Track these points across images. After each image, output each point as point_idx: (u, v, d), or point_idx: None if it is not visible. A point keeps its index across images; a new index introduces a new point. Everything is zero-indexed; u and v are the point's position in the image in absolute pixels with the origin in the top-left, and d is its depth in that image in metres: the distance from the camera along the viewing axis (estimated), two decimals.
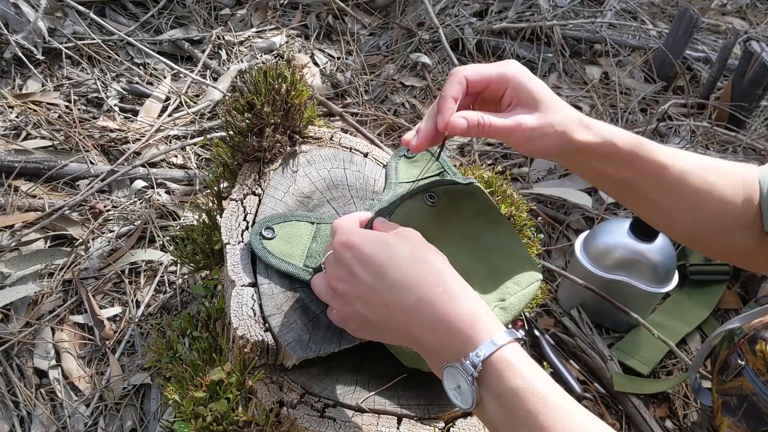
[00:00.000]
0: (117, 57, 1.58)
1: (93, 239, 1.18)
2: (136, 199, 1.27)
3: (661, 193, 0.73)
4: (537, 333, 1.16)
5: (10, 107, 1.39)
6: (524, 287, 0.74)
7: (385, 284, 0.59)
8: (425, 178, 0.84)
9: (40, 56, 1.47)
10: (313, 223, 0.76)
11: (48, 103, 1.43)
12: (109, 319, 1.07)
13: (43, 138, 1.34)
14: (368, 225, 0.71)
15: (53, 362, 1.01)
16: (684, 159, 0.73)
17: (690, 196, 0.73)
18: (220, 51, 1.71)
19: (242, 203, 0.79)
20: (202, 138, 1.41)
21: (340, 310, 0.65)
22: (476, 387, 0.54)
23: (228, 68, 1.64)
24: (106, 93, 1.48)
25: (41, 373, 1.00)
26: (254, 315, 0.68)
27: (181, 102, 1.52)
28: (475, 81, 0.70)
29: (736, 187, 0.73)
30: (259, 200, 0.80)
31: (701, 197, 0.72)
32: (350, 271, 0.61)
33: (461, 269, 0.72)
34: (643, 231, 1.14)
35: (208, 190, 0.92)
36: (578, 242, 1.22)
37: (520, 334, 0.57)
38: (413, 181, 0.84)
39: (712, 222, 0.73)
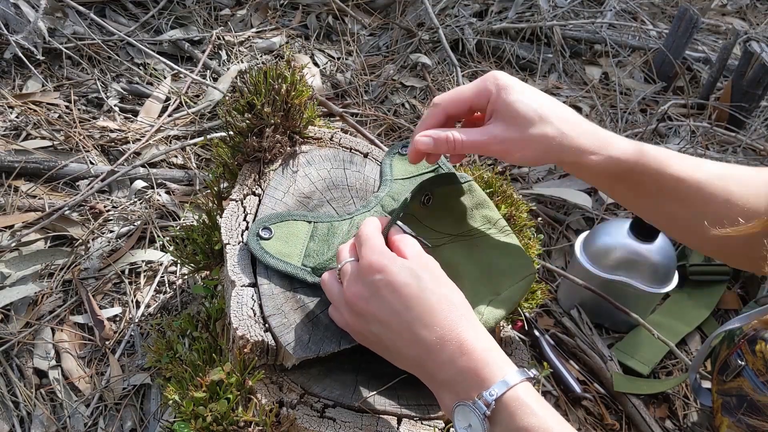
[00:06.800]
0: (117, 57, 1.58)
1: (93, 239, 1.18)
2: (136, 199, 1.27)
3: (677, 205, 0.70)
4: (537, 333, 1.16)
5: (10, 107, 1.39)
6: (518, 280, 0.75)
7: (410, 316, 0.59)
8: (420, 174, 0.84)
9: (40, 56, 1.47)
10: (310, 222, 0.76)
11: (48, 103, 1.43)
12: (109, 319, 1.07)
13: (43, 138, 1.34)
14: (384, 231, 0.70)
15: (53, 362, 1.01)
16: (701, 169, 0.70)
17: (709, 207, 0.69)
18: (220, 51, 1.71)
19: (242, 203, 0.79)
20: (202, 138, 1.41)
21: (354, 325, 0.65)
22: (488, 425, 0.54)
23: (228, 68, 1.64)
24: (106, 93, 1.48)
25: (41, 373, 1.00)
26: (254, 315, 0.68)
27: (181, 102, 1.52)
28: (453, 104, 0.70)
29: (759, 196, 0.70)
30: (259, 200, 0.80)
31: (721, 207, 0.69)
32: (376, 294, 0.61)
33: (453, 267, 0.73)
34: (643, 231, 1.14)
35: (208, 190, 0.92)
36: (578, 242, 1.22)
37: (532, 373, 0.57)
38: (407, 178, 0.84)
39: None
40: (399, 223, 0.70)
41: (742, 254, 0.75)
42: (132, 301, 1.10)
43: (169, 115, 1.47)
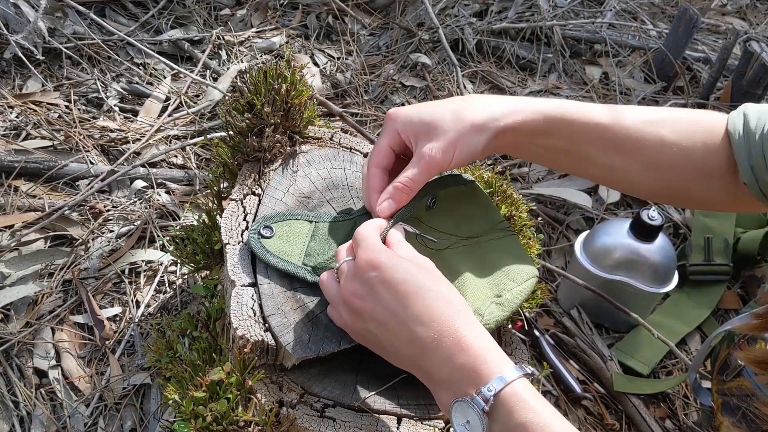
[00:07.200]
0: (117, 57, 1.58)
1: (93, 239, 1.18)
2: (136, 199, 1.27)
3: (607, 154, 0.72)
4: (537, 333, 1.16)
5: (10, 107, 1.39)
6: (520, 283, 0.74)
7: (407, 314, 0.59)
8: None
9: (40, 56, 1.47)
10: (311, 221, 0.76)
11: (48, 103, 1.43)
12: (109, 319, 1.07)
13: (43, 138, 1.34)
14: (383, 234, 0.70)
15: (53, 362, 1.01)
16: (628, 115, 0.72)
17: (640, 152, 0.71)
18: (220, 51, 1.71)
19: (242, 203, 0.79)
20: (202, 138, 1.41)
21: (352, 324, 0.64)
22: (487, 421, 0.54)
23: (228, 68, 1.64)
24: (106, 93, 1.48)
25: (41, 373, 1.00)
26: (254, 315, 0.68)
27: (181, 102, 1.52)
28: (382, 158, 0.72)
29: (694, 137, 0.71)
30: (259, 200, 0.80)
31: (653, 152, 0.71)
32: (372, 291, 0.61)
33: (455, 269, 0.73)
34: (643, 231, 1.14)
35: (208, 190, 0.92)
36: (578, 242, 1.22)
37: (530, 369, 0.57)
38: None
39: (673, 175, 0.72)
40: (402, 223, 0.70)
41: (684, 196, 0.76)
42: (132, 301, 1.10)
43: (169, 115, 1.47)
